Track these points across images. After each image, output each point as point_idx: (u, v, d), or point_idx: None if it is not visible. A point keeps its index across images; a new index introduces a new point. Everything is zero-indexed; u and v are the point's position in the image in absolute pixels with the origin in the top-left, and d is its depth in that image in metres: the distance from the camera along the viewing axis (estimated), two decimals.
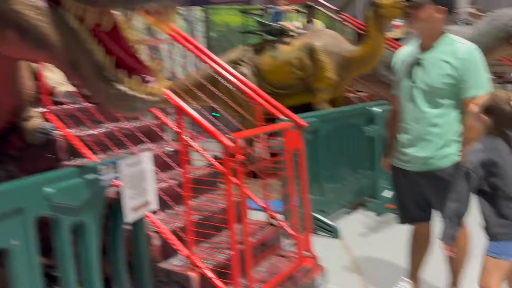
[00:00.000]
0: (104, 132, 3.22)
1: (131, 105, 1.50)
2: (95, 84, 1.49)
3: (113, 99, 1.49)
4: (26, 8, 1.49)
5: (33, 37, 1.52)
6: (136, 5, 1.38)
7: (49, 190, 1.60)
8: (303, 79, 5.69)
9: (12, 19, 1.52)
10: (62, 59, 1.53)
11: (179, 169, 3.13)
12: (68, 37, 1.49)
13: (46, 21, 1.49)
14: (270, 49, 5.86)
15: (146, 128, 3.50)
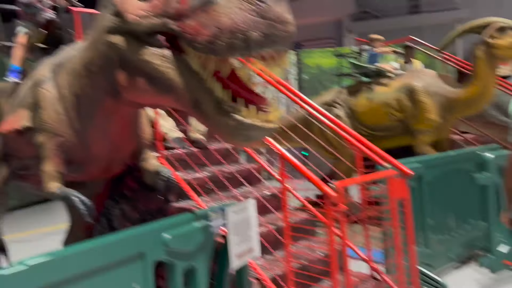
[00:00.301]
0: (208, 175, 3.38)
1: (248, 134, 1.55)
2: (215, 118, 1.58)
3: (231, 130, 1.55)
4: (155, 58, 1.66)
5: (160, 82, 1.68)
6: (253, 52, 1.45)
7: (167, 236, 1.69)
8: (402, 121, 5.48)
9: (142, 68, 1.71)
10: (185, 99, 1.64)
11: (277, 214, 3.16)
12: (191, 79, 1.61)
13: (171, 67, 1.64)
14: (366, 90, 5.77)
15: (245, 172, 3.61)
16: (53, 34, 3.13)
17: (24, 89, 2.81)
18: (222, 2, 1.45)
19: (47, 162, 2.39)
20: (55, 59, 2.61)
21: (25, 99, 2.68)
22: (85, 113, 2.31)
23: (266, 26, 1.41)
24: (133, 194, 3.47)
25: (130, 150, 2.71)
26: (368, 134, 5.51)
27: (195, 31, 1.49)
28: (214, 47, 1.45)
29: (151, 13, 1.65)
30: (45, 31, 3.07)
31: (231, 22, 1.42)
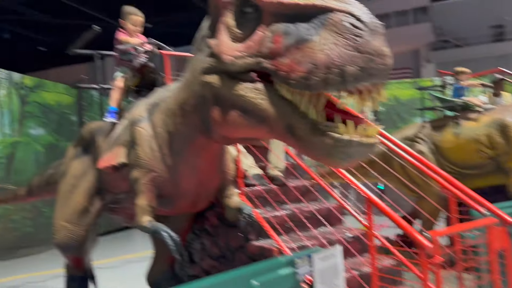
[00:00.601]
0: (287, 214, 3.34)
1: (347, 152, 1.51)
2: (310, 140, 1.56)
3: (329, 149, 1.52)
4: (248, 91, 1.72)
5: (254, 113, 1.72)
6: (349, 86, 1.44)
7: (255, 283, 1.66)
8: (493, 159, 5.07)
9: (236, 102, 1.78)
10: (279, 126, 1.66)
11: (360, 258, 3.01)
12: (283, 107, 1.63)
13: (264, 98, 1.68)
14: (452, 125, 5.45)
15: (325, 211, 3.52)
16: (147, 77, 3.35)
17: (120, 128, 3.02)
18: (316, 39, 1.46)
19: (141, 196, 2.52)
20: (150, 100, 2.78)
21: (121, 137, 2.87)
22: (177, 150, 2.43)
23: (363, 59, 1.40)
24: (214, 230, 3.53)
25: (216, 186, 2.79)
26: (454, 172, 5.16)
27: (289, 68, 1.51)
28: (309, 83, 1.46)
29: (245, 54, 1.71)
30: (139, 74, 3.30)
31: (326, 57, 1.42)
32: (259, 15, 1.71)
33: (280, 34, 1.58)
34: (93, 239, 3.52)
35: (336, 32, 1.43)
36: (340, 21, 1.44)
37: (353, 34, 1.41)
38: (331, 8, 1.47)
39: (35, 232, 7.91)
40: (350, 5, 1.48)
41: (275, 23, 1.63)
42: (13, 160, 7.77)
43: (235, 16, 1.81)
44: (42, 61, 20.14)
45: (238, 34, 1.78)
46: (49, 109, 8.59)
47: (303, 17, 1.53)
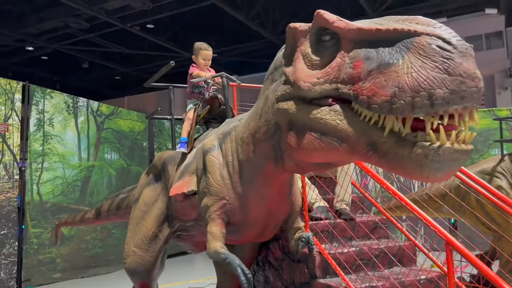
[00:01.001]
0: (355, 250, 3.21)
1: (442, 161, 1.40)
2: (398, 154, 1.47)
3: (420, 159, 1.42)
4: (325, 114, 1.71)
5: (333, 134, 1.69)
6: (438, 110, 1.36)
7: None
8: None
9: (314, 126, 1.76)
10: (360, 145, 1.60)
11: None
12: (364, 124, 1.57)
13: (342, 118, 1.65)
14: None
15: (396, 249, 3.34)
16: (215, 108, 3.47)
17: (190, 157, 3.11)
18: (401, 63, 1.42)
19: (212, 223, 2.54)
20: (221, 129, 2.86)
21: (191, 165, 2.96)
22: (247, 178, 2.46)
23: (453, 82, 1.33)
24: (278, 263, 3.48)
25: (284, 216, 2.77)
26: None
27: (371, 92, 1.48)
28: (394, 106, 1.41)
29: (323, 80, 1.71)
30: (209, 105, 3.42)
31: (413, 80, 1.37)
32: (337, 42, 1.72)
33: (360, 60, 1.56)
34: (161, 265, 3.60)
35: (423, 55, 1.39)
36: (427, 44, 1.39)
37: (442, 56, 1.36)
38: (417, 31, 1.44)
39: (104, 252, 8.29)
40: (437, 28, 1.44)
41: (354, 49, 1.62)
42: (88, 183, 8.27)
43: (312, 44, 1.83)
44: (117, 89, 21.54)
45: (315, 61, 1.79)
46: (123, 135, 9.11)
47: (384, 42, 1.51)
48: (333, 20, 1.70)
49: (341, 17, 1.74)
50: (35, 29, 13.17)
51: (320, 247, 3.17)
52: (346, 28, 1.64)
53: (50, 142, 7.62)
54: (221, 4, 12.69)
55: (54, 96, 7.88)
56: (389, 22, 1.56)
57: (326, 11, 1.76)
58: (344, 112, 1.65)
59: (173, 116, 3.82)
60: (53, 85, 18.21)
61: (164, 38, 15.50)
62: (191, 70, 3.56)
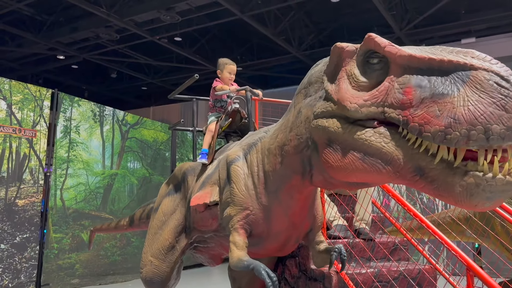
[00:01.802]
0: (373, 272, 3.15)
1: (493, 190, 1.40)
2: (447, 182, 1.48)
3: (472, 189, 1.43)
4: (370, 135, 1.70)
5: (377, 157, 1.68)
6: (492, 144, 1.37)
7: None
8: None
9: (357, 146, 1.75)
10: (406, 169, 1.59)
11: None
12: (410, 149, 1.57)
13: (387, 141, 1.64)
14: None
15: (416, 272, 3.25)
16: (237, 122, 3.49)
17: (211, 168, 3.12)
18: (457, 95, 1.43)
19: (235, 233, 2.52)
20: (245, 141, 2.86)
21: (213, 176, 2.96)
22: (272, 189, 2.45)
23: (510, 119, 1.35)
24: (294, 281, 3.43)
25: (306, 230, 2.74)
26: None
27: (424, 120, 1.48)
28: (448, 137, 1.42)
29: (370, 103, 1.71)
30: (231, 119, 3.44)
31: (470, 113, 1.39)
32: (384, 66, 1.73)
33: (411, 86, 1.57)
34: (177, 276, 3.60)
35: (481, 89, 1.40)
36: (485, 79, 1.41)
37: (500, 93, 1.38)
38: (473, 65, 1.45)
39: (122, 260, 8.36)
40: (494, 65, 1.45)
41: (404, 75, 1.63)
42: (110, 190, 8.40)
43: (359, 65, 1.84)
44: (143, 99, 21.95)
45: (361, 83, 1.79)
46: (146, 144, 9.25)
47: (436, 72, 1.53)
48: (385, 45, 1.71)
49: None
50: (67, 39, 13.62)
51: (337, 267, 3.12)
52: (397, 54, 1.65)
53: (76, 149, 7.81)
54: (248, 19, 12.87)
55: (81, 104, 8.09)
56: (442, 52, 1.57)
57: (378, 35, 1.77)
58: (391, 135, 1.65)
59: (195, 128, 3.85)
60: (82, 93, 18.71)
61: (190, 51, 15.78)
62: (214, 84, 3.61)
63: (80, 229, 7.71)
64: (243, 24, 13.42)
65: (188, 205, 3.26)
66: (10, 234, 6.62)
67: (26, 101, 7.12)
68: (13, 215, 6.72)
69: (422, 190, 1.59)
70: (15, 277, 6.56)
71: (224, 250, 3.22)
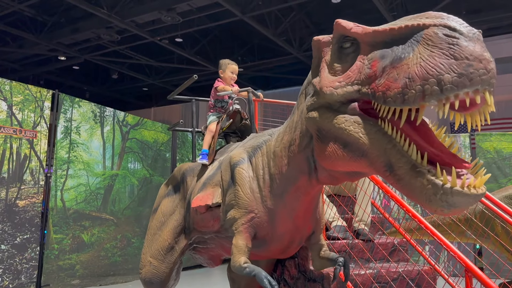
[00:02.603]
0: (372, 273, 3.14)
1: (450, 200, 1.41)
2: (410, 182, 1.50)
3: (430, 195, 1.44)
4: (348, 124, 1.74)
5: (354, 146, 1.73)
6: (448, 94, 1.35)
7: None
8: None
9: (337, 135, 1.81)
10: (378, 163, 1.63)
11: None
12: (384, 143, 1.61)
13: (364, 132, 1.68)
14: None
15: (415, 273, 3.25)
16: (237, 122, 3.48)
17: (212, 169, 3.11)
18: (411, 55, 1.47)
19: (238, 236, 2.50)
20: (248, 142, 2.85)
21: (215, 178, 2.94)
22: (278, 192, 2.44)
23: (460, 65, 1.35)
24: (293, 282, 3.43)
25: (309, 233, 2.73)
26: None
27: (386, 87, 1.52)
28: (406, 97, 1.44)
29: (344, 83, 1.76)
30: (231, 119, 3.44)
31: (421, 69, 1.41)
32: (357, 48, 1.78)
33: (376, 59, 1.63)
34: (176, 277, 3.60)
35: (431, 45, 1.42)
36: (434, 34, 1.43)
37: (448, 43, 1.39)
38: (425, 24, 1.48)
39: (123, 261, 8.36)
40: (445, 19, 1.47)
41: (372, 51, 1.68)
42: (110, 191, 8.41)
43: (334, 53, 1.90)
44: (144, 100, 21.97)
45: (337, 68, 1.86)
46: (147, 145, 9.26)
47: (398, 41, 1.57)
48: (351, 27, 1.77)
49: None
50: (68, 40, 13.65)
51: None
52: (363, 32, 1.71)
53: (76, 150, 7.81)
54: (248, 20, 12.88)
55: (82, 105, 8.10)
56: (402, 21, 1.61)
57: (344, 20, 1.84)
58: (368, 126, 1.68)
59: (194, 129, 3.85)
60: (83, 94, 18.75)
61: (192, 52, 15.80)
62: (216, 84, 3.60)
63: (80, 230, 7.71)
64: (244, 25, 13.44)
65: (188, 205, 3.25)
66: (11, 235, 6.63)
67: (27, 102, 7.13)
68: (14, 216, 6.73)
69: (392, 185, 1.62)
70: (15, 277, 6.56)
71: (223, 251, 3.21)
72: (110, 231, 8.22)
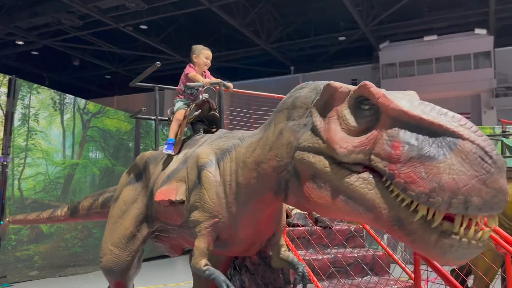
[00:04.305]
0: (330, 258, 3.26)
1: (464, 252, 1.52)
2: (423, 237, 1.57)
3: (446, 248, 1.53)
4: (355, 180, 1.75)
5: (359, 202, 1.74)
6: (470, 214, 1.47)
7: None
8: None
9: (341, 188, 1.80)
10: (385, 218, 1.67)
11: None
12: (392, 199, 1.64)
13: (372, 188, 1.70)
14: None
15: (370, 258, 3.39)
16: (205, 112, 3.45)
17: (178, 161, 3.08)
18: (443, 161, 1.50)
19: (201, 239, 2.54)
20: (216, 142, 2.84)
21: (181, 172, 2.92)
22: (242, 201, 2.47)
23: (488, 194, 1.45)
24: (254, 268, 3.50)
25: (270, 235, 2.80)
26: (511, 229, 4.81)
27: (410, 179, 1.54)
28: (431, 200, 1.49)
29: (358, 149, 1.75)
30: (199, 109, 3.40)
31: (454, 183, 1.47)
32: (375, 113, 1.76)
33: (399, 141, 1.62)
34: (137, 265, 3.59)
35: (466, 161, 1.48)
36: (470, 151, 1.49)
37: (483, 168, 1.46)
38: (462, 136, 1.52)
39: (84, 252, 8.21)
40: (480, 138, 1.52)
41: (393, 126, 1.68)
42: (71, 180, 8.21)
43: (350, 109, 1.86)
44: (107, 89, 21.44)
45: (351, 127, 1.82)
46: (109, 134, 9.08)
47: (425, 131, 1.59)
48: (379, 96, 1.75)
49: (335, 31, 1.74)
50: (26, 24, 13.10)
51: (296, 254, 3.20)
52: (390, 106, 1.70)
53: (34, 138, 7.57)
54: (216, 9, 12.78)
55: (40, 92, 7.84)
56: (431, 112, 1.63)
57: (373, 84, 1.81)
58: (375, 182, 1.70)
59: (157, 117, 3.81)
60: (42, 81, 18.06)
61: (157, 39, 15.52)
62: (187, 70, 3.49)
63: None
64: (211, 14, 13.31)
65: (151, 194, 3.24)
66: None
67: None
68: None
69: (398, 239, 1.67)
70: None
71: (185, 242, 3.23)
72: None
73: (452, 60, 18.16)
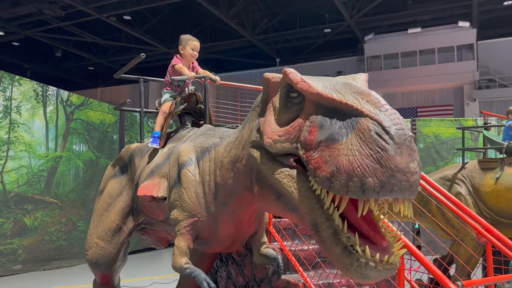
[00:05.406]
0: (315, 248, 3.29)
1: (364, 273, 1.46)
2: (331, 248, 1.53)
3: (346, 264, 1.48)
4: (283, 176, 1.72)
5: (287, 200, 1.72)
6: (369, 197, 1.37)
7: None
8: None
9: (273, 184, 1.78)
10: (306, 220, 1.64)
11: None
12: (312, 202, 1.60)
13: (297, 188, 1.66)
14: (496, 169, 5.20)
15: None
16: (191, 105, 3.43)
17: (162, 156, 3.06)
18: (343, 142, 1.44)
19: (180, 238, 2.53)
20: (199, 139, 2.82)
21: (163, 168, 2.90)
22: (222, 200, 2.46)
23: (383, 174, 1.34)
24: (240, 259, 3.52)
25: (251, 233, 2.80)
26: (491, 219, 4.93)
27: (317, 164, 1.50)
28: (332, 185, 1.44)
29: (283, 138, 1.73)
30: (185, 102, 3.38)
31: (348, 164, 1.40)
32: (303, 100, 1.73)
33: (316, 126, 1.58)
34: (124, 258, 3.58)
35: (362, 139, 1.41)
36: (367, 129, 1.41)
37: (378, 145, 1.37)
38: (363, 112, 1.46)
39: (68, 245, 8.14)
40: (382, 113, 1.44)
41: (315, 111, 1.64)
42: (54, 173, 8.11)
43: (281, 98, 1.84)
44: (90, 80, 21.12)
45: (281, 116, 1.81)
46: (93, 126, 8.97)
47: (339, 112, 1.54)
48: (297, 81, 1.71)
49: (320, 23, 1.71)
50: (7, 14, 12.79)
51: (281, 244, 3.23)
52: (308, 90, 1.66)
53: (17, 130, 7.44)
54: (201, 0, 12.65)
55: (22, 84, 7.69)
56: (347, 91, 1.58)
57: (294, 70, 1.77)
58: (300, 181, 1.67)
59: (142, 109, 3.78)
60: (24, 72, 17.72)
61: (140, 30, 15.32)
62: (174, 61, 3.43)
63: (22, 213, 7.41)
64: (196, 5, 13.18)
65: (136, 187, 3.22)
66: None
67: None
68: None
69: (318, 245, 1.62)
70: None
71: (169, 235, 3.23)
72: (54, 214, 7.96)
73: (435, 52, 18.38)
